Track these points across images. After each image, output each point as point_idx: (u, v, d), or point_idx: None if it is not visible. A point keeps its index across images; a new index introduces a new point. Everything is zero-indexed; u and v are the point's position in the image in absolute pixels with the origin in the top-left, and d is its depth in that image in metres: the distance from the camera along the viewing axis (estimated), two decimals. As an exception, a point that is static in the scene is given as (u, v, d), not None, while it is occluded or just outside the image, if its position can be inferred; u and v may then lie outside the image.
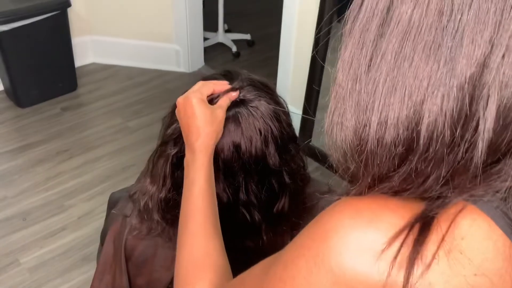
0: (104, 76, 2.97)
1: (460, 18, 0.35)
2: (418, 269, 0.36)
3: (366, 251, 0.38)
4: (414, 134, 0.38)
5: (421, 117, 0.37)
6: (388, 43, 0.38)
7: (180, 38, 2.97)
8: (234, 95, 0.78)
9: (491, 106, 0.35)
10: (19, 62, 2.50)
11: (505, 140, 0.36)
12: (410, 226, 0.37)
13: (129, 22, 2.95)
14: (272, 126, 0.80)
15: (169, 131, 0.87)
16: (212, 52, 3.30)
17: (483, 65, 0.35)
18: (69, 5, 2.55)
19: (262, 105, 0.80)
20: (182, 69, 3.06)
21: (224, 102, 0.78)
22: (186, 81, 2.97)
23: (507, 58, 0.34)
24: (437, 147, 0.37)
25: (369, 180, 0.42)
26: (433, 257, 0.36)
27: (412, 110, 0.37)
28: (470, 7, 0.35)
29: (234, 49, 3.31)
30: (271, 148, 0.80)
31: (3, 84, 2.68)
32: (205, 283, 0.65)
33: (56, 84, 2.69)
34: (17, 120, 2.53)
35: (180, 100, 0.77)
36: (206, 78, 0.84)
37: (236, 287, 0.56)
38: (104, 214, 1.34)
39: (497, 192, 0.38)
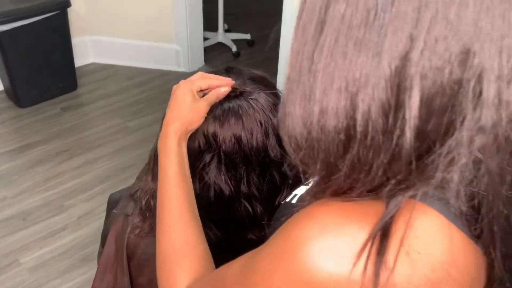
0: (104, 76, 2.97)
1: (384, 16, 0.38)
2: (384, 276, 0.39)
3: (336, 267, 0.40)
4: (352, 122, 0.40)
5: (357, 107, 0.40)
6: (325, 39, 0.41)
7: (180, 38, 2.97)
8: (222, 91, 0.79)
9: (414, 96, 0.38)
10: (19, 62, 2.50)
11: (432, 128, 0.39)
12: (373, 237, 0.40)
13: (129, 22, 2.95)
14: (273, 118, 0.80)
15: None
16: (212, 52, 3.30)
17: (406, 59, 0.38)
18: (69, 5, 2.55)
19: (262, 97, 0.81)
20: (182, 69, 3.06)
21: (210, 96, 0.79)
22: (186, 81, 2.97)
23: (425, 52, 0.37)
24: (373, 135, 0.40)
25: (318, 167, 0.44)
26: (395, 262, 0.39)
27: (348, 100, 0.40)
28: (392, 5, 0.38)
29: (234, 49, 3.31)
30: (272, 140, 0.81)
31: (3, 84, 2.68)
32: (188, 271, 0.66)
33: (56, 84, 2.69)
34: (17, 120, 2.53)
35: (173, 87, 0.81)
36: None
37: (216, 282, 0.57)
38: (104, 214, 1.34)
39: (436, 182, 0.41)
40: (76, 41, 2.88)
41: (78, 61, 2.93)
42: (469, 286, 0.41)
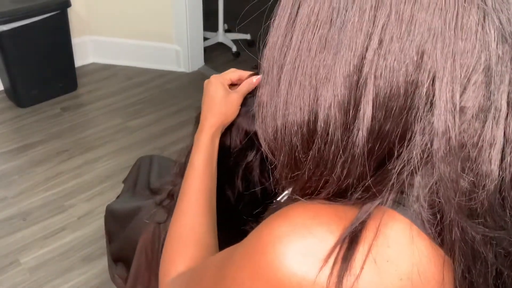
0: (104, 76, 2.97)
1: (346, 13, 0.39)
2: (349, 280, 0.38)
3: (303, 268, 0.39)
4: (313, 117, 0.41)
5: (318, 102, 0.41)
6: (294, 36, 0.42)
7: (180, 38, 2.97)
8: (254, 81, 0.81)
9: (368, 95, 0.38)
10: (19, 62, 2.49)
11: (389, 129, 0.39)
12: (341, 242, 0.39)
13: (129, 22, 2.95)
14: None
15: None
16: (212, 52, 3.30)
17: (363, 57, 0.38)
18: (69, 5, 2.55)
19: None
20: (182, 69, 3.06)
21: (242, 87, 0.81)
22: (186, 81, 2.97)
23: (380, 50, 0.38)
24: (333, 131, 0.40)
25: (285, 160, 0.45)
26: (361, 268, 0.39)
27: (310, 95, 0.41)
28: (353, 4, 0.39)
29: (234, 49, 3.31)
30: None
31: (3, 84, 2.68)
32: (185, 259, 0.67)
33: (56, 84, 2.69)
34: (17, 120, 2.53)
35: (205, 82, 0.83)
36: None
37: (200, 271, 0.57)
38: (103, 214, 1.34)
39: (399, 188, 0.41)
40: (76, 41, 2.88)
41: (78, 61, 2.93)
42: None
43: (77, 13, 2.86)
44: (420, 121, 0.38)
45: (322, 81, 0.40)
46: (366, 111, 0.39)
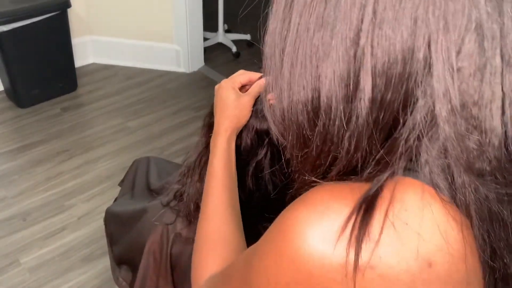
0: (104, 76, 2.97)
1: None
2: (368, 246, 0.39)
3: (323, 242, 0.40)
4: (317, 94, 0.43)
5: (319, 79, 0.42)
6: (292, 19, 0.44)
7: (180, 38, 2.97)
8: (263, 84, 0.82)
9: (367, 65, 0.39)
10: (19, 62, 2.50)
11: (392, 98, 0.40)
12: (357, 209, 0.40)
13: (129, 22, 2.95)
14: None
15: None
16: (212, 52, 3.30)
17: (359, 29, 0.40)
18: (69, 5, 2.55)
19: None
20: (182, 69, 3.06)
21: (253, 89, 0.81)
22: (186, 81, 2.97)
23: (375, 20, 0.39)
24: (336, 105, 0.42)
25: (293, 140, 0.47)
26: (380, 233, 0.39)
27: (312, 73, 0.42)
28: None
29: (234, 49, 3.31)
30: None
31: (3, 84, 2.68)
32: (215, 260, 0.69)
33: (56, 84, 2.69)
34: (17, 120, 2.53)
35: (216, 87, 0.84)
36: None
37: (228, 271, 0.58)
38: (103, 215, 1.34)
39: (409, 156, 0.42)
40: (76, 41, 2.88)
41: (78, 61, 2.93)
42: (462, 260, 0.40)
43: (77, 13, 2.86)
44: (421, 86, 0.39)
45: (322, 58, 0.41)
46: (366, 81, 0.40)
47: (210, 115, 0.88)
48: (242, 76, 0.84)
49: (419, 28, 0.38)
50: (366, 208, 0.40)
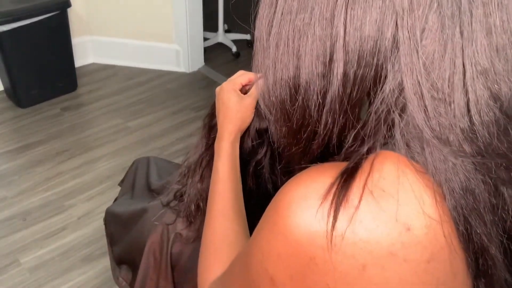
0: (104, 76, 2.97)
1: None
2: (348, 211, 0.41)
3: (307, 209, 0.43)
4: (298, 72, 0.46)
5: (299, 57, 0.46)
6: (278, 4, 0.48)
7: (180, 38, 2.97)
8: None
9: (340, 42, 0.43)
10: (19, 62, 2.49)
11: (364, 73, 0.43)
12: (339, 179, 0.43)
13: (129, 22, 2.95)
14: None
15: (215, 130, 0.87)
16: (212, 52, 3.30)
17: (333, 10, 0.43)
18: (69, 5, 2.55)
19: None
20: (182, 69, 3.06)
21: (254, 90, 0.82)
22: (186, 81, 2.97)
23: (348, 1, 0.43)
24: (315, 81, 0.45)
25: (277, 114, 0.51)
26: (360, 199, 0.41)
27: (294, 52, 0.46)
28: None
29: (234, 49, 3.31)
30: None
31: (3, 84, 2.68)
32: (220, 263, 0.69)
33: (56, 84, 2.69)
34: (17, 120, 2.53)
35: (216, 90, 0.84)
36: None
37: (231, 267, 0.59)
38: (103, 215, 1.34)
39: (384, 127, 0.45)
40: (76, 41, 2.88)
41: (78, 61, 2.93)
42: (440, 226, 0.42)
43: (77, 13, 2.86)
44: (390, 62, 0.42)
45: (302, 37, 0.45)
46: (340, 59, 0.43)
47: (211, 116, 0.88)
48: (242, 77, 0.84)
49: (387, 7, 0.42)
50: (346, 177, 0.43)
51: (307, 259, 0.42)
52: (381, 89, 0.43)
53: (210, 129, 0.88)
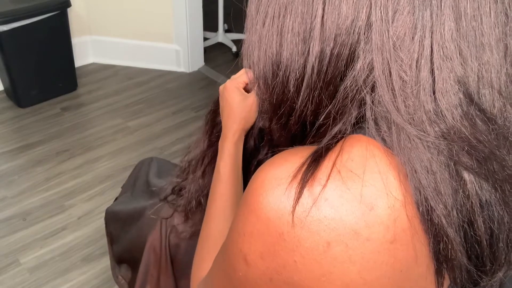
0: (104, 76, 2.97)
1: None
2: (315, 189, 0.42)
3: (277, 187, 0.44)
4: (280, 48, 0.48)
5: (282, 34, 0.47)
6: None
7: (180, 38, 2.97)
8: None
9: (319, 21, 0.45)
10: (19, 62, 2.49)
11: (339, 52, 0.45)
12: (309, 159, 0.45)
13: (129, 22, 2.95)
14: None
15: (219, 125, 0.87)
16: (212, 52, 3.30)
17: None
18: (69, 5, 2.55)
19: None
20: (182, 69, 3.06)
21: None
22: (186, 81, 2.97)
23: None
24: (294, 58, 0.47)
25: (260, 86, 0.52)
26: (327, 178, 0.43)
27: (278, 28, 0.47)
28: None
29: (234, 49, 3.31)
30: None
31: (3, 84, 2.68)
32: (211, 261, 0.69)
33: (56, 84, 2.69)
34: (17, 120, 2.53)
35: (220, 88, 0.84)
36: None
37: (215, 261, 0.60)
38: (103, 215, 1.34)
39: (354, 107, 0.46)
40: (76, 41, 2.88)
41: (78, 61, 2.93)
42: (403, 207, 0.42)
43: (77, 13, 2.86)
44: (363, 41, 0.44)
45: (287, 15, 0.47)
46: (317, 36, 0.45)
47: (214, 113, 0.88)
48: (245, 75, 0.84)
49: None
50: (316, 157, 0.44)
51: (277, 236, 0.43)
52: (352, 68, 0.45)
53: (214, 126, 0.87)
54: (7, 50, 2.42)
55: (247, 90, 0.83)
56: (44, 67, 2.60)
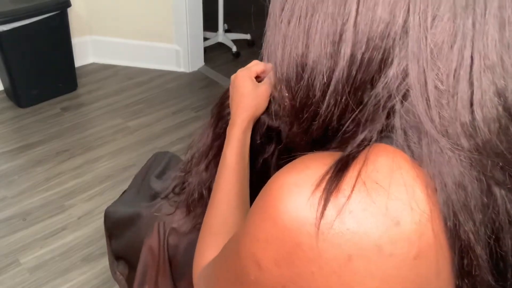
0: (104, 76, 2.97)
1: None
2: (339, 201, 0.41)
3: (298, 195, 0.42)
4: (306, 50, 0.45)
5: (309, 35, 0.45)
6: None
7: (180, 38, 2.97)
8: None
9: (350, 22, 0.42)
10: (19, 62, 2.49)
11: (371, 57, 0.43)
12: (333, 168, 0.43)
13: (129, 22, 2.95)
14: None
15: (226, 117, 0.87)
16: (212, 52, 3.30)
17: None
18: (69, 5, 2.55)
19: None
20: (182, 69, 3.06)
21: (269, 78, 0.81)
22: (186, 81, 2.97)
23: None
24: (322, 61, 0.45)
25: (282, 88, 0.50)
26: (352, 189, 0.41)
27: (305, 29, 0.45)
28: None
29: (234, 49, 3.31)
30: None
31: (3, 84, 2.68)
32: (216, 249, 0.68)
33: (56, 84, 2.69)
34: (17, 120, 2.53)
35: (232, 77, 0.83)
36: None
37: (223, 252, 0.59)
38: (103, 214, 1.34)
39: (384, 115, 0.44)
40: (76, 41, 2.88)
41: (78, 61, 2.93)
42: (429, 222, 0.41)
43: (77, 13, 2.86)
44: (397, 47, 0.42)
45: (314, 15, 0.44)
46: (349, 39, 0.43)
47: (219, 106, 0.88)
48: (257, 66, 0.84)
49: None
50: (340, 167, 0.43)
51: (294, 245, 0.42)
52: (384, 74, 0.43)
53: (219, 119, 0.87)
54: (7, 50, 2.42)
55: (258, 80, 0.83)
56: (44, 67, 2.60)
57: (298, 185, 0.42)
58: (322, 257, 0.41)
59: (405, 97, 0.43)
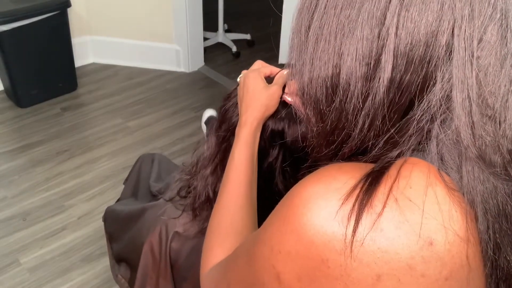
0: (104, 76, 2.97)
1: None
2: (370, 218, 0.39)
3: (325, 209, 0.40)
4: (337, 71, 0.43)
5: (341, 56, 0.43)
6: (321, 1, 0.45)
7: (180, 38, 2.97)
8: (285, 73, 0.81)
9: (389, 45, 0.40)
10: (19, 62, 2.49)
11: (410, 79, 0.41)
12: (363, 182, 0.41)
13: (129, 22, 2.95)
14: None
15: (234, 119, 0.86)
16: (212, 52, 3.30)
17: (386, 9, 0.40)
18: (69, 5, 2.55)
19: None
20: (182, 69, 3.06)
21: (278, 79, 0.80)
22: (186, 81, 2.97)
23: (403, 2, 0.40)
24: (355, 83, 0.42)
25: (310, 113, 0.48)
26: (384, 206, 0.39)
27: (335, 49, 0.43)
28: None
29: (234, 49, 3.31)
30: None
31: (3, 84, 2.68)
32: (223, 249, 0.68)
33: (56, 84, 2.69)
34: (17, 120, 2.53)
35: (240, 78, 0.82)
36: None
37: (234, 255, 0.58)
38: (103, 214, 1.34)
39: (420, 135, 0.42)
40: (76, 41, 2.88)
41: (78, 61, 2.93)
42: (464, 244, 0.40)
43: (77, 13, 2.86)
44: (440, 70, 0.40)
45: (347, 35, 0.42)
46: (387, 61, 0.40)
47: (223, 110, 0.87)
48: (265, 68, 0.83)
49: (445, 13, 0.39)
50: (371, 181, 0.41)
51: (319, 261, 0.40)
52: (427, 96, 0.41)
53: (223, 121, 0.87)
54: (7, 50, 2.42)
55: (267, 81, 0.83)
56: (44, 67, 2.60)
57: (325, 198, 0.41)
58: (349, 275, 0.39)
59: (444, 121, 0.41)
